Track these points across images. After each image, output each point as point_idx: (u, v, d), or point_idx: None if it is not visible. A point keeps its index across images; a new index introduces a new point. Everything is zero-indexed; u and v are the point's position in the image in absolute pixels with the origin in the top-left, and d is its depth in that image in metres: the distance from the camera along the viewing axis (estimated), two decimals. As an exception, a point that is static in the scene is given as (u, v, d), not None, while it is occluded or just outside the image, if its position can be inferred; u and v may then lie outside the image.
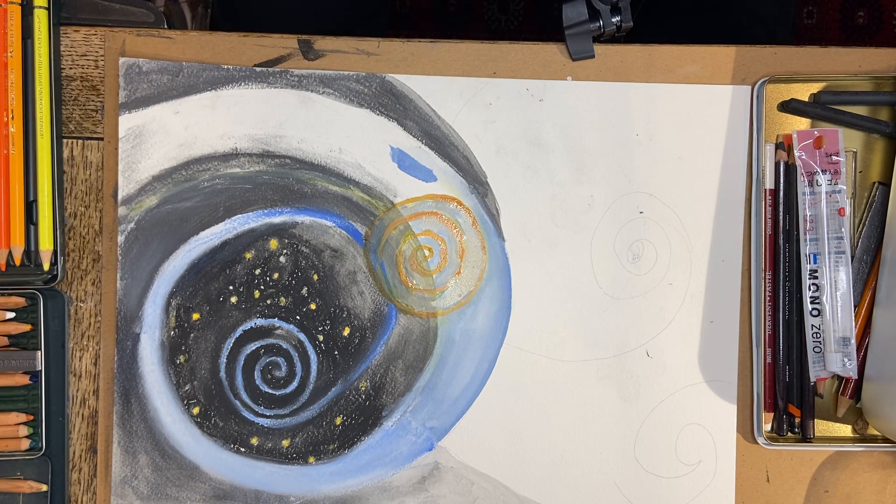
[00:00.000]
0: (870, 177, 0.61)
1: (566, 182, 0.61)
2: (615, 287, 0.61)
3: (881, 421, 0.58)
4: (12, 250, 0.58)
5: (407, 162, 0.60)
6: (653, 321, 0.61)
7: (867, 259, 0.61)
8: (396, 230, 0.60)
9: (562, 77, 0.61)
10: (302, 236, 0.60)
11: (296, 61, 0.60)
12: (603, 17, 0.59)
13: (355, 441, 0.60)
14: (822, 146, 0.59)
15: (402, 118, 0.60)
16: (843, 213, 0.59)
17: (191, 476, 0.59)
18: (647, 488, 0.61)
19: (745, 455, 0.61)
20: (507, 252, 0.61)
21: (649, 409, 0.61)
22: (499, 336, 0.60)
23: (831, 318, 0.59)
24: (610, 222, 0.61)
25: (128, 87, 0.59)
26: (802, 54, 0.61)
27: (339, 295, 0.60)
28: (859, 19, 1.31)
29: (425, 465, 0.60)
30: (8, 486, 0.59)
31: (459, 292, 0.60)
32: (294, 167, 0.60)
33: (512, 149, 0.60)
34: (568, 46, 0.60)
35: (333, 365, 0.60)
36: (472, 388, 0.60)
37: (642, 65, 0.61)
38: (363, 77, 0.60)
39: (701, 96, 0.61)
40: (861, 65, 0.61)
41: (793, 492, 0.61)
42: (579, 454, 0.60)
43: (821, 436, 0.61)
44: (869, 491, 0.61)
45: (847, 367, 0.59)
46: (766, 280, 0.60)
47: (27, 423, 0.59)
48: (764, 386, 0.60)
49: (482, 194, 0.60)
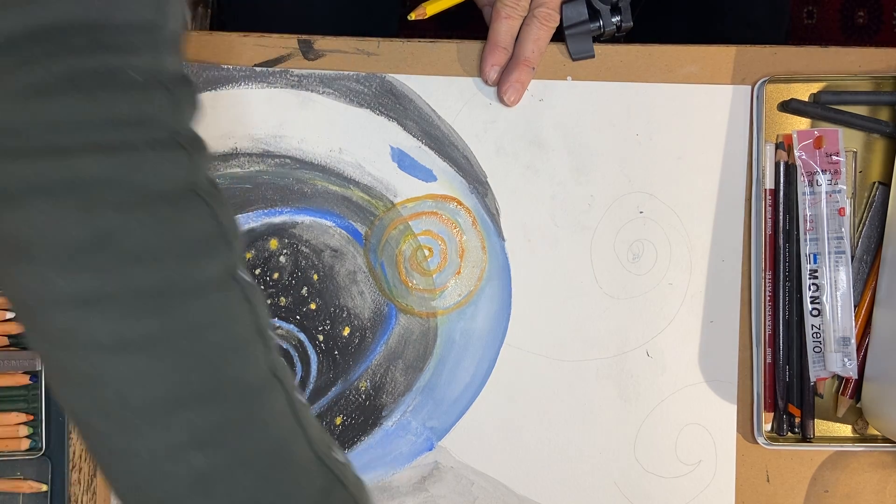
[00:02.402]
0: (870, 177, 0.61)
1: (566, 182, 0.61)
2: (615, 287, 0.61)
3: (881, 421, 0.58)
4: (12, 250, 0.58)
5: (407, 162, 0.60)
6: (653, 321, 0.61)
7: (867, 259, 0.61)
8: (396, 230, 0.60)
9: (562, 77, 0.61)
10: (302, 236, 0.60)
11: (296, 61, 0.60)
12: (603, 17, 0.59)
13: (355, 441, 0.60)
14: (822, 146, 0.59)
15: (402, 118, 0.60)
16: (843, 213, 0.59)
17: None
18: (647, 488, 0.61)
19: (745, 455, 0.61)
20: (507, 252, 0.61)
21: (649, 409, 0.61)
22: (499, 336, 0.60)
23: (831, 318, 0.59)
24: (610, 222, 0.61)
25: (128, 87, 0.59)
26: (802, 54, 0.61)
27: (339, 295, 0.60)
28: (859, 19, 1.31)
29: (425, 465, 0.60)
30: (8, 486, 0.59)
31: (459, 292, 0.60)
32: (294, 167, 0.60)
33: (512, 149, 0.60)
34: (568, 46, 0.60)
35: (333, 365, 0.60)
36: (472, 388, 0.60)
37: (642, 65, 0.61)
38: (363, 77, 0.60)
39: (701, 96, 0.61)
40: (861, 65, 0.61)
41: (793, 492, 0.61)
42: (579, 454, 0.60)
43: (821, 436, 0.61)
44: (869, 491, 0.61)
45: (847, 367, 0.59)
46: (766, 280, 0.60)
47: (27, 423, 0.59)
48: (764, 386, 0.60)
49: (482, 194, 0.60)
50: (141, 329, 0.37)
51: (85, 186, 0.36)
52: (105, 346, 0.36)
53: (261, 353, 0.40)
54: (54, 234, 0.36)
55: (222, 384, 0.38)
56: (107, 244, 0.36)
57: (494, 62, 0.58)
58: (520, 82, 0.58)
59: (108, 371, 0.37)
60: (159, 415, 0.37)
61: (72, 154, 0.36)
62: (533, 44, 0.58)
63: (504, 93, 0.59)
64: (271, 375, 0.41)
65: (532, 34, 0.58)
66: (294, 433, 0.41)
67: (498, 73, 0.59)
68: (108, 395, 0.37)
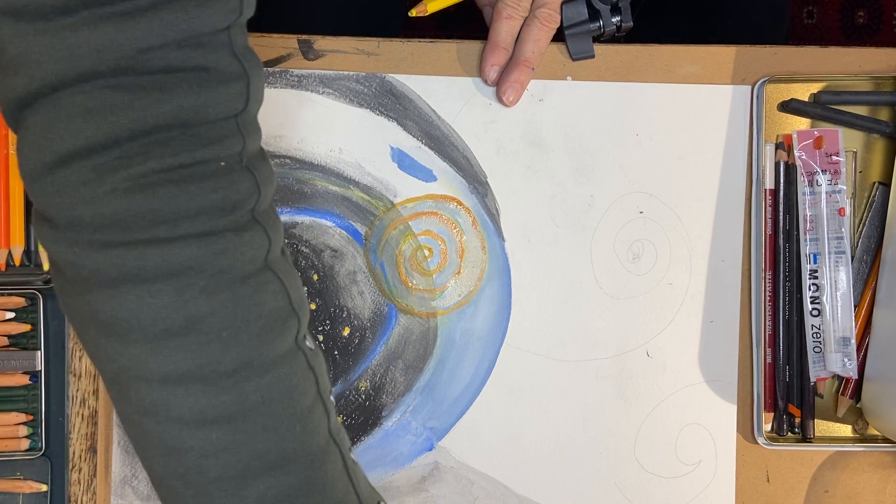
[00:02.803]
0: (870, 177, 0.61)
1: (566, 182, 0.61)
2: (615, 287, 0.61)
3: (881, 421, 0.58)
4: (12, 250, 0.58)
5: (407, 162, 0.60)
6: (653, 321, 0.61)
7: (867, 259, 0.61)
8: (396, 230, 0.60)
9: (562, 77, 0.61)
10: (302, 236, 0.60)
11: (296, 61, 0.60)
12: (603, 17, 0.59)
13: (355, 441, 0.60)
14: (822, 146, 0.59)
15: (402, 118, 0.60)
16: (843, 213, 0.59)
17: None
18: (647, 488, 0.61)
19: (745, 455, 0.61)
20: (507, 252, 0.61)
21: (649, 409, 0.61)
22: (499, 336, 0.60)
23: (831, 318, 0.59)
24: (610, 222, 0.61)
25: (128, 87, 0.59)
26: (802, 54, 0.61)
27: (338, 295, 0.60)
28: (859, 19, 1.31)
29: (425, 465, 0.60)
30: (8, 486, 0.59)
31: (459, 292, 0.60)
32: (294, 167, 0.60)
33: (512, 149, 0.60)
34: (568, 46, 0.60)
35: (333, 365, 0.60)
36: (472, 388, 0.60)
37: (642, 65, 0.61)
38: (363, 77, 0.60)
39: (701, 96, 0.61)
40: (861, 65, 0.61)
41: (793, 492, 0.61)
42: (579, 454, 0.60)
43: (821, 436, 0.61)
44: (869, 491, 0.61)
45: (847, 367, 0.59)
46: (766, 280, 0.60)
47: (27, 423, 0.59)
48: (764, 386, 0.60)
49: (482, 194, 0.60)
50: (219, 405, 0.40)
51: (178, 274, 0.38)
52: (187, 421, 0.40)
53: (322, 420, 0.44)
54: (149, 318, 0.39)
55: (289, 454, 0.41)
56: (194, 327, 0.39)
57: (494, 62, 0.59)
58: (519, 82, 0.58)
59: (188, 443, 0.40)
60: (233, 485, 0.40)
61: (167, 243, 0.38)
62: (533, 44, 0.58)
63: (503, 93, 0.59)
64: (331, 440, 0.44)
65: (532, 35, 0.58)
66: (348, 493, 0.44)
67: (498, 73, 0.59)
68: (189, 464, 0.40)
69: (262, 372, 0.41)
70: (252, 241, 0.41)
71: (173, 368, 0.39)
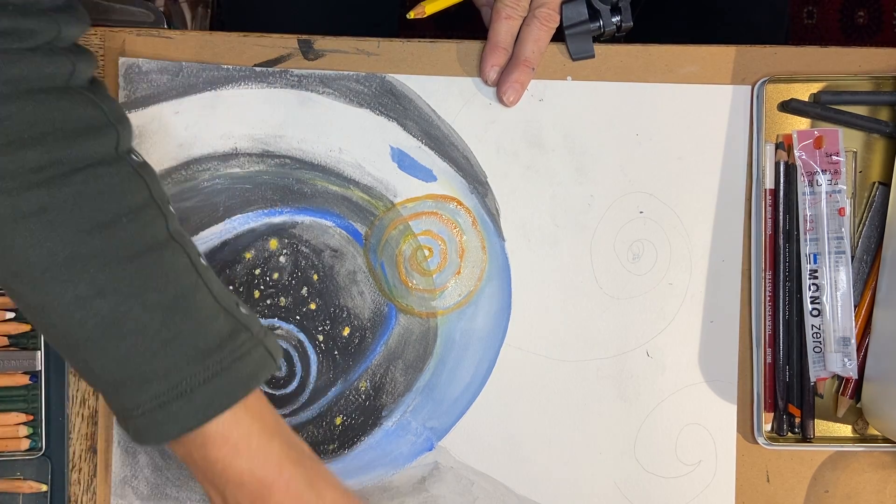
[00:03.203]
0: (870, 177, 0.61)
1: (566, 182, 0.61)
2: (615, 287, 0.61)
3: (881, 421, 0.58)
4: (12, 250, 0.58)
5: (407, 162, 0.60)
6: (653, 321, 0.61)
7: (867, 259, 0.61)
8: (396, 230, 0.60)
9: (562, 77, 0.61)
10: (302, 236, 0.60)
11: (296, 61, 0.60)
12: (603, 17, 0.59)
13: (355, 441, 0.60)
14: (822, 146, 0.59)
15: (402, 118, 0.60)
16: (843, 213, 0.59)
17: (191, 476, 0.59)
18: (647, 488, 0.61)
19: (745, 455, 0.61)
20: (507, 252, 0.61)
21: (649, 409, 0.61)
22: (499, 336, 0.60)
23: (831, 318, 0.59)
24: (610, 222, 0.61)
25: (127, 87, 0.59)
26: (802, 54, 0.61)
27: (338, 295, 0.60)
28: (859, 19, 1.31)
29: (425, 465, 0.60)
30: (8, 486, 0.59)
31: (459, 292, 0.60)
32: (294, 167, 0.60)
33: (512, 149, 0.60)
34: (568, 46, 0.60)
35: (333, 365, 0.60)
36: (472, 388, 0.60)
37: (642, 65, 0.61)
38: (363, 77, 0.60)
39: (701, 96, 0.61)
40: (861, 65, 0.61)
41: (793, 492, 0.61)
42: (579, 454, 0.60)
43: (821, 436, 0.61)
44: (869, 491, 0.61)
45: (847, 367, 0.59)
46: (766, 280, 0.60)
47: (27, 423, 0.59)
48: (764, 386, 0.60)
49: (482, 194, 0.60)
50: (31, 198, 0.43)
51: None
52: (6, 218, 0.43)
53: (158, 220, 0.47)
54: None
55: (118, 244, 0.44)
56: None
57: (494, 62, 0.59)
58: (519, 83, 0.58)
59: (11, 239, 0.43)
60: (61, 273, 0.43)
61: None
62: (533, 44, 0.58)
63: (503, 93, 0.59)
64: (170, 238, 0.47)
65: (532, 34, 0.58)
66: (197, 287, 0.47)
67: (498, 73, 0.59)
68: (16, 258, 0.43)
69: (73, 170, 0.44)
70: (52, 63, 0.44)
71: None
